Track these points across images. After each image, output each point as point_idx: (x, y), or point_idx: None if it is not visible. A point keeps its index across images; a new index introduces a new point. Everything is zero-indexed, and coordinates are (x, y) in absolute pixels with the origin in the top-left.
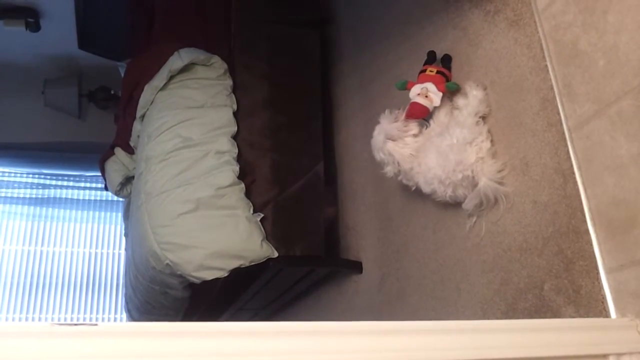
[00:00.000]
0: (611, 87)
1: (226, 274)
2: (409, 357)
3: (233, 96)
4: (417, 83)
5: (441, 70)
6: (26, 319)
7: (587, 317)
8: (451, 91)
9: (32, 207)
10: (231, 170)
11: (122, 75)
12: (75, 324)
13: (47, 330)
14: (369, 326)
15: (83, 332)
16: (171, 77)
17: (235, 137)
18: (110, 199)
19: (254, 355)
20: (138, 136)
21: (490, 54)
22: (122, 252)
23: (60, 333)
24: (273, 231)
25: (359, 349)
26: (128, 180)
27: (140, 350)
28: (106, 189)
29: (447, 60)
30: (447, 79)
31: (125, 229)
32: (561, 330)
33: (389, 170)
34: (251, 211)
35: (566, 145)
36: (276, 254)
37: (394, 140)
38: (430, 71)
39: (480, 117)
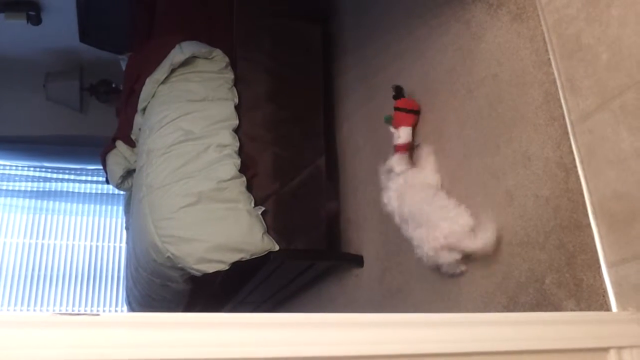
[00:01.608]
0: (614, 81)
1: (227, 267)
2: (410, 349)
3: (234, 90)
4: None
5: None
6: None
7: (588, 310)
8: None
9: (33, 200)
10: (232, 164)
11: (124, 68)
12: (77, 314)
13: (49, 320)
14: (370, 318)
15: (85, 322)
16: (173, 71)
17: (236, 131)
18: (111, 192)
19: (255, 346)
20: (139, 129)
21: (493, 47)
22: (123, 245)
23: (62, 323)
24: (274, 225)
25: (360, 341)
26: (129, 173)
27: (142, 341)
28: (107, 182)
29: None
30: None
31: (126, 222)
32: (562, 323)
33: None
34: (252, 204)
35: (568, 139)
36: (277, 248)
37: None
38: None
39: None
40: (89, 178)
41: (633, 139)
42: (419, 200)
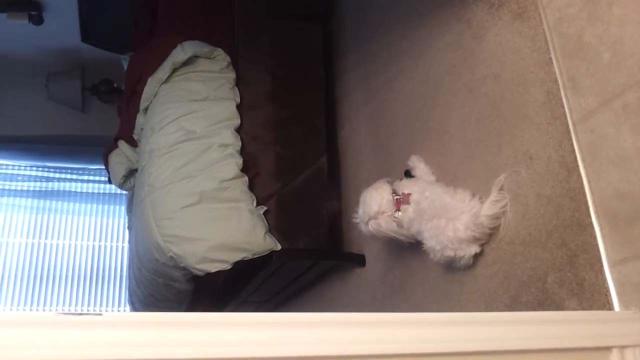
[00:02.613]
0: (616, 80)
1: (229, 267)
2: (412, 349)
3: (236, 89)
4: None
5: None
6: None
7: (591, 310)
8: None
9: (35, 200)
10: (234, 163)
11: (125, 68)
12: (80, 314)
13: (52, 320)
14: (372, 317)
15: (88, 322)
16: (174, 70)
17: (238, 130)
18: (113, 191)
19: (257, 346)
20: (141, 129)
21: (494, 47)
22: (126, 245)
23: (65, 323)
24: (276, 224)
25: (362, 340)
26: (132, 173)
27: (145, 340)
28: (110, 181)
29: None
30: None
31: (129, 222)
32: (564, 322)
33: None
34: (254, 204)
35: (570, 139)
36: (279, 247)
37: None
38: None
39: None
40: (92, 178)
41: (635, 138)
42: (442, 192)
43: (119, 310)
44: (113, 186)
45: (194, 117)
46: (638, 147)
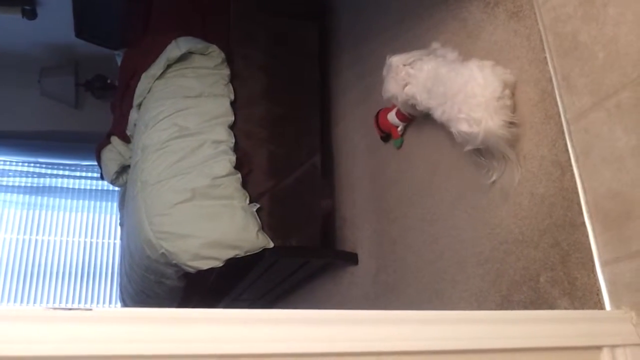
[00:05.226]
0: (610, 80)
1: (221, 264)
2: (403, 347)
3: (230, 86)
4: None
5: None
6: None
7: (582, 309)
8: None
9: (27, 196)
10: (227, 160)
11: (119, 64)
12: (70, 309)
13: (42, 315)
14: (364, 315)
15: (77, 317)
16: (168, 66)
17: (232, 127)
18: (106, 188)
19: (249, 342)
20: (135, 125)
21: (490, 45)
22: (117, 241)
23: (55, 317)
24: (269, 222)
25: (354, 338)
26: (124, 169)
27: (135, 336)
28: (102, 178)
29: None
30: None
31: (121, 218)
32: (556, 321)
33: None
34: (247, 201)
35: (564, 138)
36: (272, 245)
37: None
38: None
39: None
40: (84, 174)
41: (628, 138)
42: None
43: (110, 307)
44: (105, 182)
45: (188, 113)
46: (631, 147)
